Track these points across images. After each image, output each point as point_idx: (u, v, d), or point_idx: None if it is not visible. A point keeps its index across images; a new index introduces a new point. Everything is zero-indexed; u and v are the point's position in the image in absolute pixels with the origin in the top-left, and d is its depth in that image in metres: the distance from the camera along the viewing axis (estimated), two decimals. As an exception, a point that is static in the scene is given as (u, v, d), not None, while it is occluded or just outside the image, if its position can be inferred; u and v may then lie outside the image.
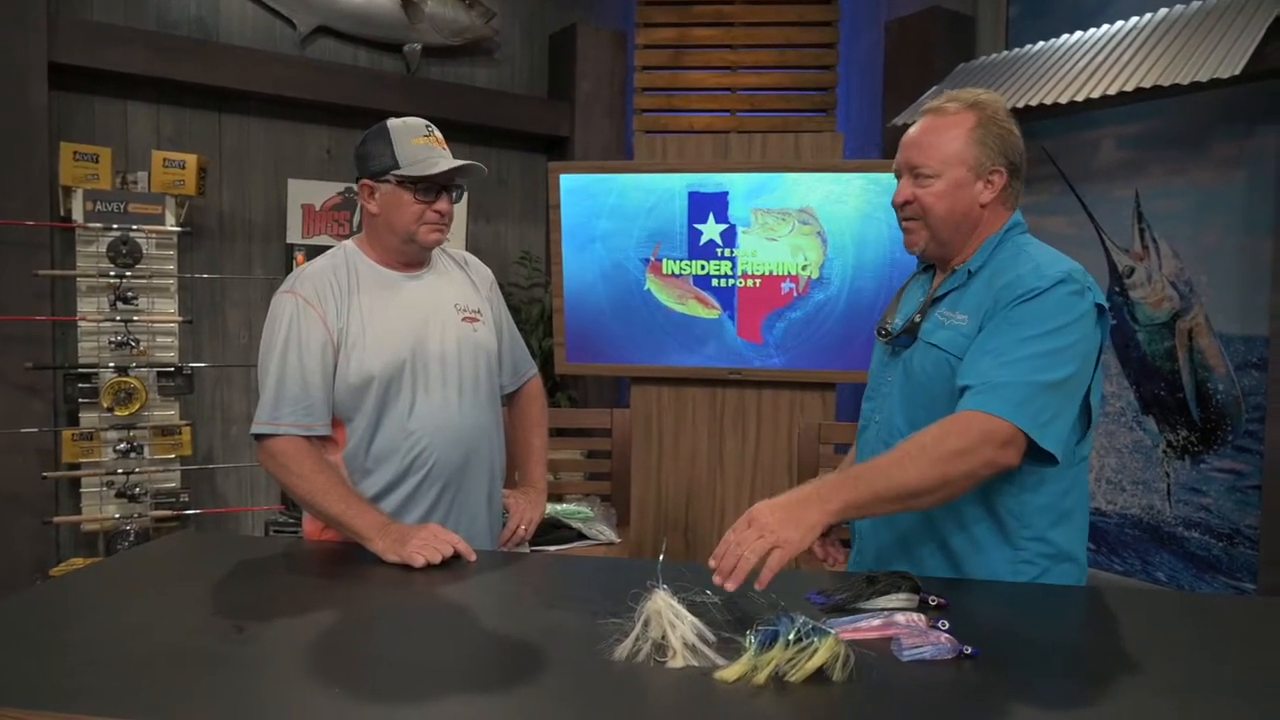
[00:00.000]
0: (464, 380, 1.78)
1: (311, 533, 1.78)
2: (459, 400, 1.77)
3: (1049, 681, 1.11)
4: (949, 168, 1.47)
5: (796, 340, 3.42)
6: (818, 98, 4.04)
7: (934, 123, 1.49)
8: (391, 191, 1.70)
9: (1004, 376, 1.33)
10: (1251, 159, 3.24)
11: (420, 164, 1.68)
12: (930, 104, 1.52)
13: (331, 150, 4.01)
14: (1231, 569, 3.31)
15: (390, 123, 1.73)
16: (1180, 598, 1.62)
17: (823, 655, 1.09)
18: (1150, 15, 3.38)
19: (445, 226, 1.76)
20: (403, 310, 1.75)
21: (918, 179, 1.49)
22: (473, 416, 1.79)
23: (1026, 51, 3.75)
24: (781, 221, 3.34)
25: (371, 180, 1.72)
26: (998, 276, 1.45)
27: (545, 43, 4.52)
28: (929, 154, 1.48)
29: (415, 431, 1.72)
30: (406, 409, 1.72)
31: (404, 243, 1.74)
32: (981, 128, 1.47)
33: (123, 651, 1.13)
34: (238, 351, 3.84)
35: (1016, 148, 1.50)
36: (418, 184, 1.69)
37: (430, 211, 1.71)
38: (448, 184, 1.74)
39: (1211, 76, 2.90)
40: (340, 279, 1.72)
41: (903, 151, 1.52)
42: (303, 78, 3.76)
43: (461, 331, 1.80)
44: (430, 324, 1.76)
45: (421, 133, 1.72)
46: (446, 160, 1.70)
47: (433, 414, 1.74)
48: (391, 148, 1.69)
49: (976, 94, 1.51)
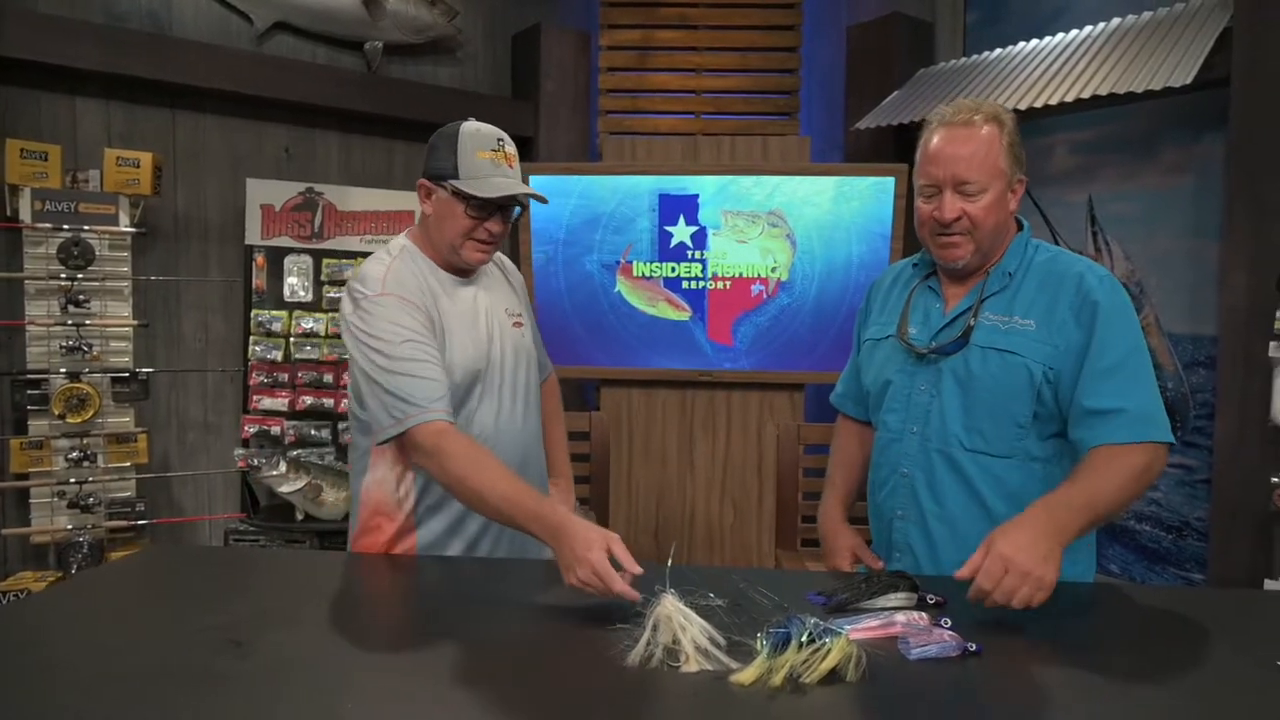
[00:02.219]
0: (518, 385, 1.78)
1: (369, 546, 1.71)
2: (513, 405, 1.76)
3: (1055, 675, 1.14)
4: (994, 181, 1.50)
5: (766, 342, 3.45)
6: (781, 101, 4.08)
7: (968, 135, 1.50)
8: (446, 200, 1.65)
9: (1152, 404, 1.43)
10: (1199, 165, 3.37)
11: (478, 181, 1.62)
12: (952, 117, 1.52)
13: (290, 149, 3.92)
14: (1180, 561, 3.43)
15: (464, 126, 1.66)
16: (1164, 592, 1.68)
17: (836, 656, 1.11)
18: (1104, 24, 3.49)
19: (493, 246, 1.70)
20: (470, 317, 1.72)
21: (965, 194, 1.50)
22: (527, 420, 1.79)
23: (985, 58, 3.84)
24: (751, 224, 3.37)
25: (430, 181, 1.67)
26: (1053, 278, 1.51)
27: (508, 42, 4.48)
28: (976, 168, 1.49)
29: (479, 436, 1.68)
30: (471, 417, 1.70)
31: (449, 253, 1.70)
32: (1007, 138, 1.51)
33: (117, 671, 1.09)
34: (194, 356, 3.73)
35: (1024, 157, 1.55)
36: (471, 200, 1.63)
37: (480, 229, 1.66)
38: (505, 203, 1.68)
39: (1164, 85, 3.00)
40: (420, 281, 1.67)
41: (942, 166, 1.50)
42: (260, 75, 3.67)
43: (514, 337, 1.79)
44: (492, 331, 1.74)
45: (491, 146, 1.64)
46: (507, 183, 1.64)
47: (494, 421, 1.72)
48: (456, 154, 1.62)
49: (992, 107, 1.53)
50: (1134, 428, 1.41)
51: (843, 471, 1.84)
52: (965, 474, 1.53)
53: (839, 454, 1.85)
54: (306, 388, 3.70)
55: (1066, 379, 1.47)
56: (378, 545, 1.71)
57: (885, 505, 1.64)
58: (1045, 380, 1.47)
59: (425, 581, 1.57)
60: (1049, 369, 1.47)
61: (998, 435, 1.51)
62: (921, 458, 1.57)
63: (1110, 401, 1.43)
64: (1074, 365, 1.46)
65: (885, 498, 1.64)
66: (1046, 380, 1.47)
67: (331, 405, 3.71)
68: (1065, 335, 1.47)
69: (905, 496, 1.60)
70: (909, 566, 1.59)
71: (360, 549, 1.73)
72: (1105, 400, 1.43)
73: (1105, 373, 1.44)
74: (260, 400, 3.65)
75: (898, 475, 1.61)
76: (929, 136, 1.54)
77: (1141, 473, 1.40)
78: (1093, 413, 1.44)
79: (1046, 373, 1.47)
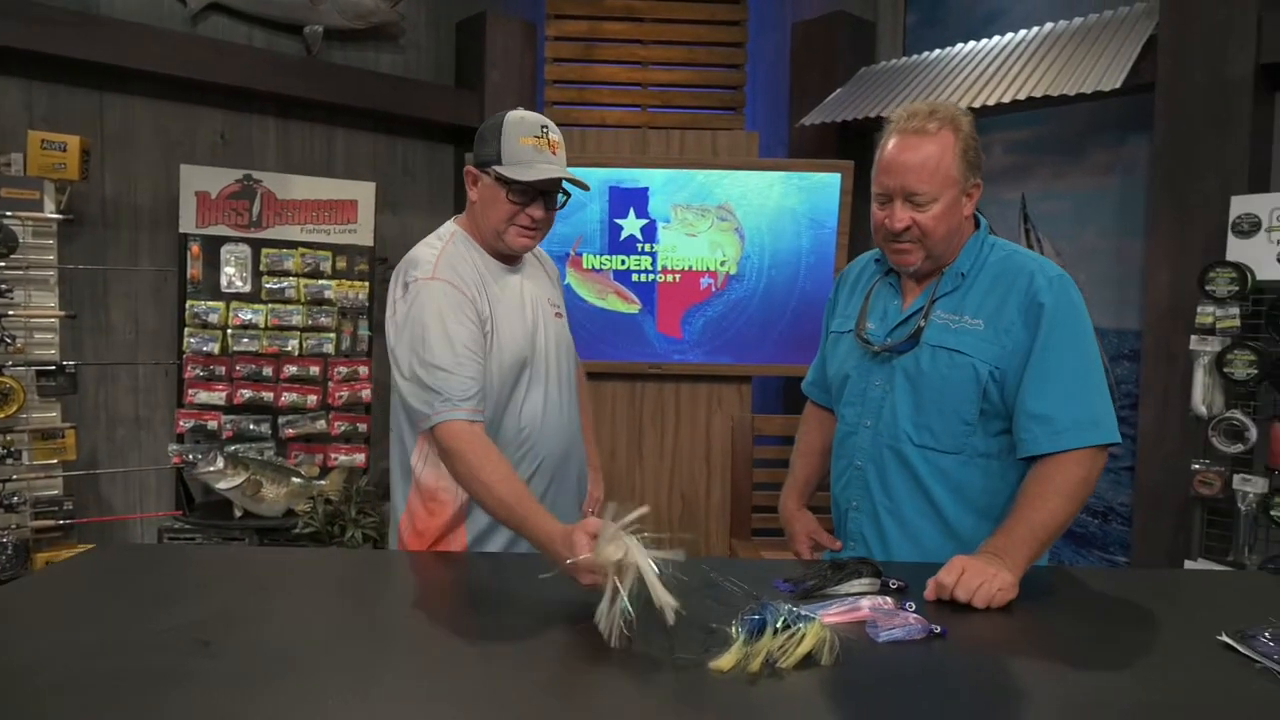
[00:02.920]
0: (562, 375, 1.79)
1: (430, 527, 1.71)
2: (559, 395, 1.78)
3: (1016, 653, 1.19)
4: (945, 190, 1.49)
5: (714, 335, 3.49)
6: (727, 95, 4.12)
7: (920, 144, 1.49)
8: (490, 186, 1.67)
9: (1095, 408, 1.46)
10: (1125, 166, 3.52)
11: (520, 166, 1.63)
12: (907, 123, 1.51)
13: (225, 135, 3.80)
14: (1105, 544, 3.60)
15: (509, 114, 1.67)
16: (1110, 574, 1.77)
17: (810, 641, 1.14)
18: (1037, 29, 3.62)
19: (537, 232, 1.71)
20: (517, 305, 1.73)
21: (915, 204, 1.50)
22: (569, 410, 1.81)
23: (925, 58, 3.94)
24: (701, 217, 3.40)
25: (475, 169, 1.69)
26: (1004, 278, 1.53)
27: (452, 30, 4.42)
28: (925, 179, 1.48)
29: (526, 426, 1.71)
30: (520, 403, 1.71)
31: (494, 239, 1.71)
32: (961, 144, 1.50)
33: (82, 676, 1.06)
34: (124, 348, 3.59)
35: (982, 156, 1.55)
36: (512, 185, 1.64)
37: (523, 215, 1.67)
38: (548, 189, 1.68)
39: (1095, 89, 3.13)
40: (471, 267, 1.68)
41: (893, 176, 1.50)
42: (194, 57, 3.54)
43: (557, 327, 1.81)
44: (538, 320, 1.76)
45: (535, 132, 1.65)
46: (550, 167, 1.64)
47: (541, 410, 1.73)
48: (500, 141, 1.63)
49: (949, 110, 1.52)
50: (1071, 433, 1.44)
51: (805, 458, 1.87)
52: (914, 469, 1.56)
53: (802, 441, 1.88)
54: (245, 381, 3.60)
55: (1012, 378, 1.49)
56: (434, 529, 1.70)
57: (841, 496, 1.68)
58: (991, 379, 1.50)
59: (394, 576, 1.56)
60: (995, 369, 1.50)
61: (946, 432, 1.54)
62: (874, 451, 1.60)
63: (1050, 406, 1.45)
64: (1019, 365, 1.49)
65: (841, 489, 1.68)
66: (993, 379, 1.50)
67: (271, 399, 3.62)
68: (1013, 335, 1.50)
69: (859, 489, 1.63)
70: (861, 555, 1.63)
71: (419, 530, 1.71)
72: (1045, 404, 1.46)
73: (1047, 375, 1.46)
74: (196, 394, 3.54)
75: (853, 468, 1.64)
76: (885, 141, 1.54)
77: (1078, 486, 1.43)
78: (1033, 416, 1.46)
79: (993, 372, 1.50)
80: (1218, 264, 2.80)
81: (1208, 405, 2.83)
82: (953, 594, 1.32)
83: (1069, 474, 1.44)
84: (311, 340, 3.68)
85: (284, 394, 3.64)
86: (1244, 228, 2.84)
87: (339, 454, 3.76)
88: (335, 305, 3.73)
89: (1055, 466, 1.45)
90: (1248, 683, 1.08)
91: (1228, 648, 1.18)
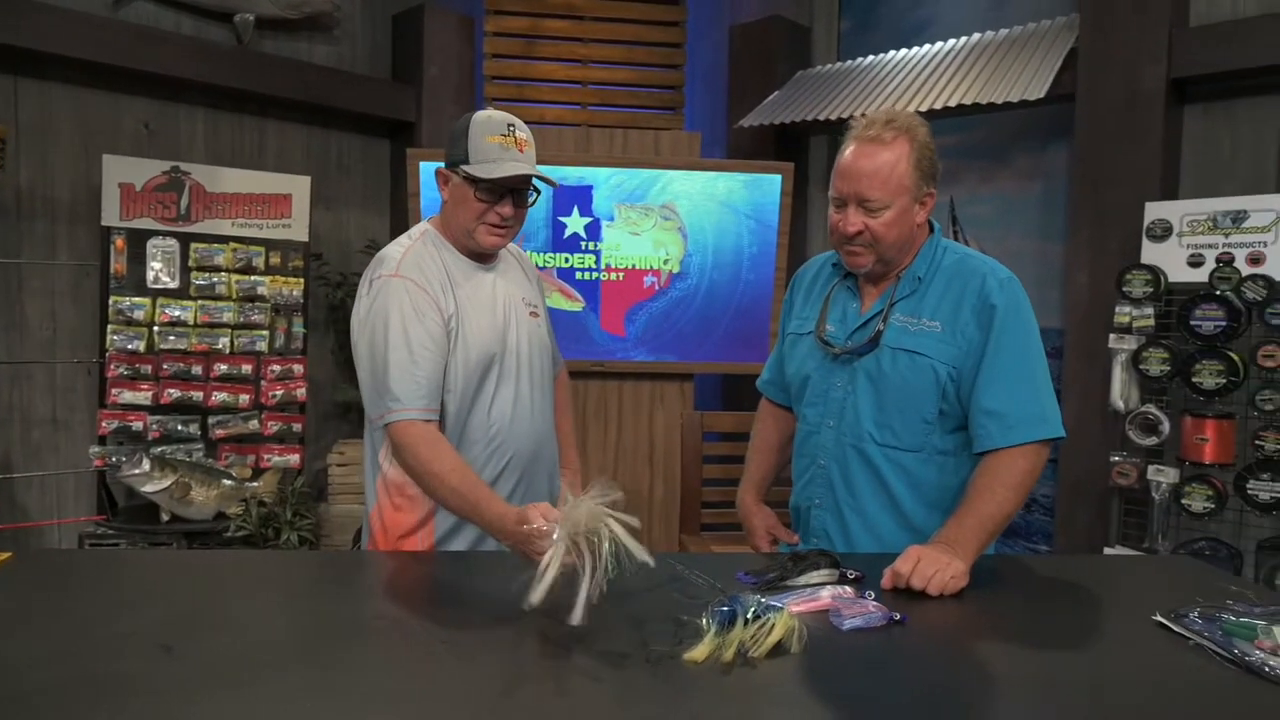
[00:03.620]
0: (534, 374, 1.80)
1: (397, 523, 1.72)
2: (530, 394, 1.78)
3: (973, 637, 1.26)
4: (897, 197, 1.54)
5: (657, 333, 3.52)
6: (666, 95, 4.16)
7: (875, 152, 1.53)
8: (459, 185, 1.69)
9: (1042, 403, 1.54)
10: (1046, 172, 3.69)
11: (488, 164, 1.64)
12: (865, 130, 1.56)
13: (151, 125, 3.66)
14: (1029, 533, 3.76)
15: (477, 114, 1.69)
16: (1051, 561, 1.86)
17: (780, 630, 1.17)
18: (966, 39, 3.76)
19: (507, 230, 1.72)
20: (488, 303, 1.74)
21: (868, 210, 1.55)
22: (541, 409, 1.81)
23: (859, 64, 4.05)
24: (644, 216, 3.42)
25: (446, 169, 1.71)
26: (958, 281, 1.60)
27: (388, 22, 4.34)
28: (879, 186, 1.53)
29: (496, 423, 1.72)
30: (489, 402, 1.72)
31: (465, 238, 1.72)
32: (916, 154, 1.55)
33: (49, 681, 1.02)
34: (39, 346, 3.43)
35: (938, 165, 1.61)
36: (480, 183, 1.65)
37: (492, 213, 1.68)
38: (517, 187, 1.69)
39: (1021, 98, 3.27)
40: (438, 265, 1.69)
41: (849, 182, 1.55)
42: (117, 43, 3.40)
43: (530, 326, 1.81)
44: (509, 318, 1.76)
45: (501, 131, 1.66)
46: (517, 165, 1.65)
47: (511, 408, 1.74)
48: (467, 140, 1.65)
49: (906, 119, 1.57)
50: (1020, 428, 1.52)
51: (761, 454, 1.91)
52: (876, 467, 1.62)
53: (758, 438, 1.92)
54: (172, 380, 3.47)
55: (966, 377, 1.57)
56: (402, 524, 1.71)
57: (803, 494, 1.72)
58: (950, 379, 1.57)
59: (347, 576, 1.53)
60: (953, 369, 1.57)
61: (907, 430, 1.60)
62: (836, 450, 1.65)
63: (1002, 402, 1.53)
64: (973, 365, 1.56)
65: (803, 487, 1.72)
66: (951, 379, 1.57)
67: (200, 399, 3.51)
68: (967, 336, 1.57)
69: (822, 486, 1.68)
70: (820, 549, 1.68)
71: (387, 525, 1.72)
72: (998, 401, 1.53)
73: (998, 374, 1.54)
74: (120, 394, 3.40)
75: (815, 466, 1.69)
76: (844, 148, 1.59)
77: (1024, 478, 1.51)
78: (988, 412, 1.54)
79: (951, 372, 1.57)
80: (1134, 267, 2.96)
81: (1125, 400, 2.99)
82: (909, 582, 1.38)
83: (1015, 467, 1.51)
84: (244, 338, 3.58)
85: (214, 393, 3.53)
86: (1157, 233, 3.01)
87: (272, 455, 3.67)
88: (269, 302, 3.63)
89: (1003, 460, 1.52)
90: (1184, 657, 1.16)
91: (1162, 626, 1.26)
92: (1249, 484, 2.73)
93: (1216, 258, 2.88)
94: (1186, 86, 3.17)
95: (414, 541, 1.71)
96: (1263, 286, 2.72)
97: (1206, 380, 2.77)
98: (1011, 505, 1.51)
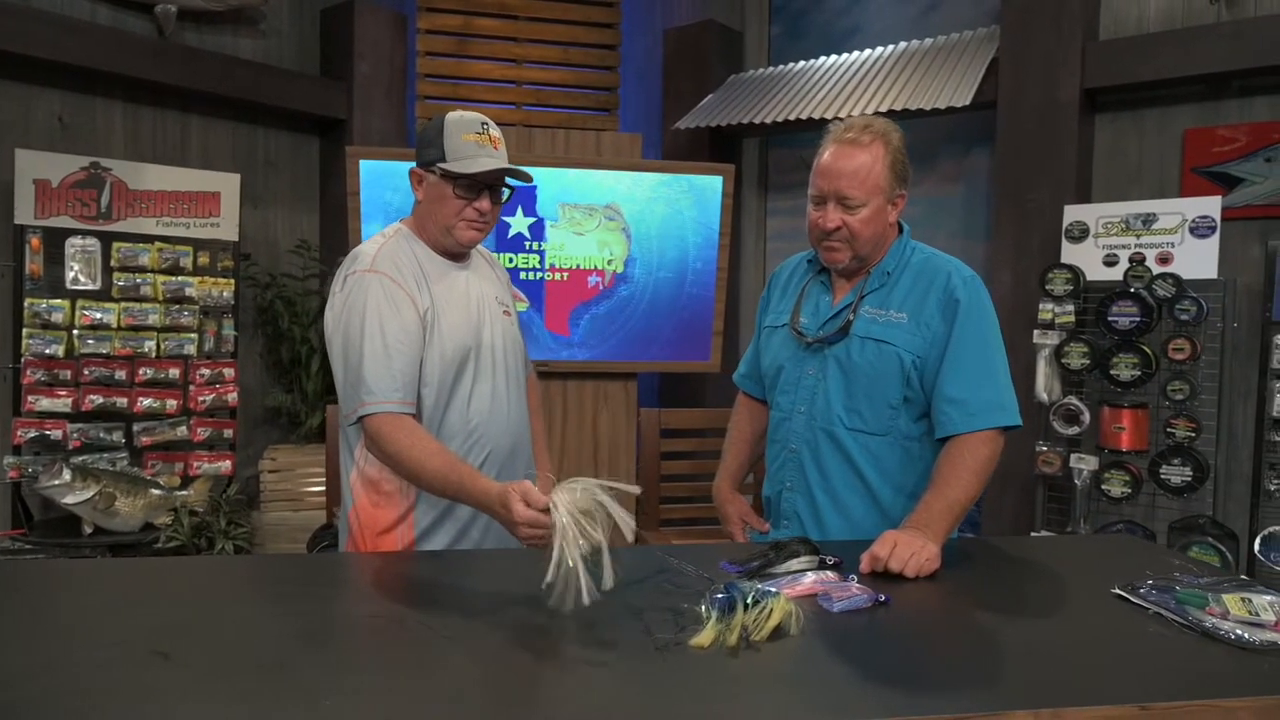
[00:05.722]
0: (509, 371, 1.81)
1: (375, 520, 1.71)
2: (506, 390, 1.80)
3: (953, 613, 1.33)
4: (873, 196, 1.64)
5: (602, 333, 3.54)
6: (601, 96, 4.18)
7: (854, 153, 1.63)
8: (436, 184, 1.70)
9: (1002, 393, 1.64)
10: (969, 176, 3.87)
11: (464, 161, 1.67)
12: (844, 134, 1.66)
13: (65, 118, 3.48)
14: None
15: (449, 114, 1.72)
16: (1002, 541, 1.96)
17: (779, 614, 1.22)
18: (893, 46, 3.90)
19: (484, 226, 1.75)
20: (463, 300, 1.76)
21: (847, 207, 1.65)
22: (517, 406, 1.83)
23: (790, 69, 4.16)
24: (588, 216, 3.44)
25: (421, 169, 1.72)
26: (924, 277, 1.69)
27: (317, 17, 4.23)
28: (857, 185, 1.63)
29: (474, 418, 1.74)
30: (467, 396, 1.73)
31: (443, 235, 1.74)
32: (890, 156, 1.65)
33: (47, 690, 0.98)
34: (-54, 351, 3.22)
35: (909, 169, 1.71)
36: (458, 180, 1.67)
37: (470, 209, 1.70)
38: (492, 183, 1.72)
39: (947, 105, 3.42)
40: (412, 261, 1.71)
41: (828, 180, 1.65)
42: (28, 32, 3.22)
43: (505, 324, 1.83)
44: (483, 316, 1.79)
45: (476, 129, 1.70)
46: (491, 160, 1.69)
47: (489, 403, 1.76)
48: (443, 139, 1.67)
49: (883, 125, 1.67)
50: (981, 415, 1.62)
51: (737, 446, 1.98)
52: (846, 450, 1.71)
53: (734, 430, 1.99)
54: (94, 386, 3.32)
55: (930, 366, 1.67)
56: (379, 521, 1.71)
57: (775, 478, 1.80)
58: (914, 367, 1.67)
59: (341, 578, 1.51)
60: (917, 358, 1.67)
61: (874, 415, 1.69)
62: (808, 435, 1.73)
63: (963, 390, 1.63)
64: (938, 355, 1.66)
65: (776, 471, 1.80)
66: (915, 367, 1.67)
67: (125, 405, 3.36)
68: (932, 328, 1.67)
69: (793, 470, 1.76)
70: (795, 533, 1.75)
71: (365, 523, 1.72)
72: (959, 389, 1.63)
73: (961, 364, 1.64)
74: (37, 401, 3.23)
75: (787, 451, 1.77)
76: (823, 149, 1.68)
77: (986, 463, 1.61)
78: (950, 400, 1.64)
79: (915, 361, 1.67)
80: (1055, 266, 3.14)
81: (1048, 392, 3.16)
82: (887, 565, 1.45)
83: (978, 453, 1.60)
84: (171, 341, 3.45)
85: (140, 399, 3.39)
86: (1075, 234, 3.20)
87: (202, 462, 3.54)
88: (198, 304, 3.50)
89: (965, 446, 1.61)
90: (1145, 625, 1.26)
91: (1120, 598, 1.36)
92: (1162, 469, 2.93)
93: (1129, 257, 3.08)
94: (1098, 96, 3.38)
95: (393, 538, 1.70)
96: (1172, 284, 2.92)
97: (1123, 372, 2.96)
98: (975, 490, 1.60)
